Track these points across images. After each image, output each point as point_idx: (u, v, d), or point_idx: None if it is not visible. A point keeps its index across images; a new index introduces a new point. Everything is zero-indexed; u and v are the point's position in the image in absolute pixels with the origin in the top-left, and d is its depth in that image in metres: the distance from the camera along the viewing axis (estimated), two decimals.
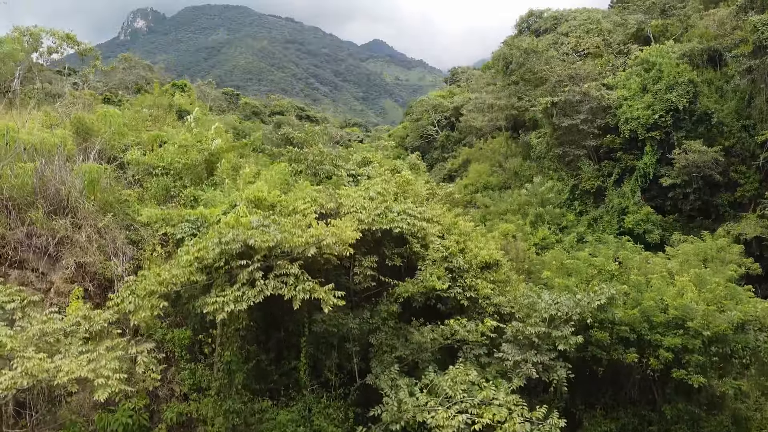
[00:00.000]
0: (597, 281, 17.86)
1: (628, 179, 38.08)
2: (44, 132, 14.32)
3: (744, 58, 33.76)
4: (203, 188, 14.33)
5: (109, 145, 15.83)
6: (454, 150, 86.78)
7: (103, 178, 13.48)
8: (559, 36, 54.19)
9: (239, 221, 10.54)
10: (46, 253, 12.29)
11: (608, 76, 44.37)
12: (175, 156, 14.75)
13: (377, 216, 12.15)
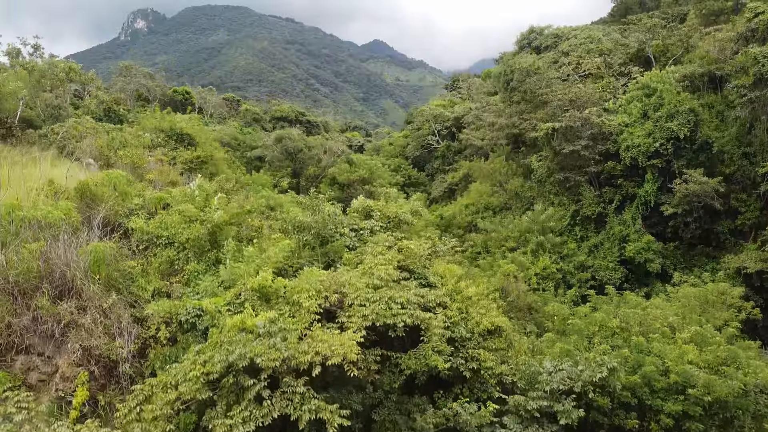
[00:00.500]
0: (598, 340, 17.96)
1: (629, 206, 38.16)
2: (48, 205, 14.37)
3: (744, 89, 33.82)
4: (206, 264, 14.42)
5: (113, 210, 15.91)
6: (455, 161, 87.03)
7: (107, 254, 13.54)
8: (559, 55, 54.22)
9: (245, 323, 10.66)
10: (51, 337, 12.38)
11: (609, 99, 44.44)
12: (179, 227, 14.83)
13: (381, 309, 12.24)
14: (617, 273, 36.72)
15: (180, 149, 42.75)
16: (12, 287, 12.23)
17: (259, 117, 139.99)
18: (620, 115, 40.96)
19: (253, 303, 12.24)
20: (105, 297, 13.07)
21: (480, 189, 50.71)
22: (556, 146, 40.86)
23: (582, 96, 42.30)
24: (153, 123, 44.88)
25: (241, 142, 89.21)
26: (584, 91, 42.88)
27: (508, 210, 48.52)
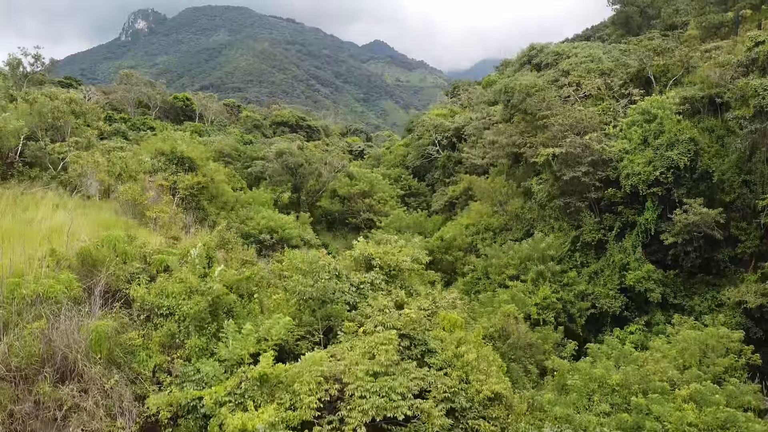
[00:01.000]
0: (598, 398, 18.00)
1: (629, 234, 38.18)
2: (50, 277, 14.41)
3: (744, 121, 33.83)
4: (207, 338, 14.46)
5: (114, 276, 15.95)
6: (455, 172, 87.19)
7: (108, 330, 13.58)
8: (560, 73, 54.23)
9: (245, 426, 10.73)
10: (54, 421, 12.44)
11: (610, 122, 44.45)
12: (179, 297, 14.87)
13: (381, 402, 12.28)
14: (617, 301, 36.78)
15: (180, 173, 42.79)
16: (14, 374, 12.29)
17: (260, 123, 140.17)
18: (620, 141, 40.97)
19: (254, 394, 12.30)
20: (106, 376, 13.11)
21: (480, 209, 50.76)
22: (556, 171, 40.89)
23: (582, 121, 42.29)
24: (154, 145, 44.89)
25: (241, 152, 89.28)
26: (585, 115, 42.86)
27: (509, 231, 48.61)
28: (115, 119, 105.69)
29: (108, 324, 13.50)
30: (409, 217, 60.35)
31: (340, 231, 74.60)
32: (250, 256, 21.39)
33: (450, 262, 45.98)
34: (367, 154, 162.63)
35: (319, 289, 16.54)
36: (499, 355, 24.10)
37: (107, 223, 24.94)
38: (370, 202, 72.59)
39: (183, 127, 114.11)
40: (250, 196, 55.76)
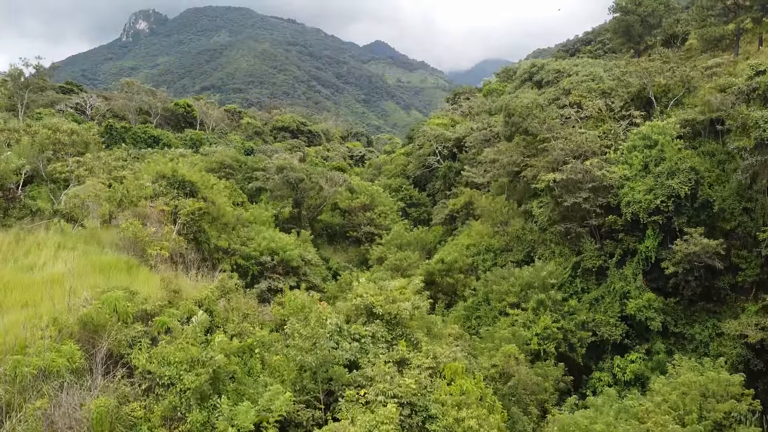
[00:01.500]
0: None
1: (630, 261, 38.20)
2: (52, 351, 14.45)
3: (745, 152, 33.83)
4: (208, 411, 14.47)
5: (115, 340, 16.00)
6: (456, 182, 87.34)
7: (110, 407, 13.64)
8: (561, 92, 54.21)
9: None
10: None
11: (611, 145, 44.45)
12: (180, 368, 14.90)
13: None
14: (618, 329, 36.82)
15: (181, 198, 42.82)
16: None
17: (261, 130, 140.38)
18: (621, 166, 40.99)
19: None
20: None
21: (481, 230, 50.76)
22: (557, 196, 40.91)
23: (583, 145, 42.31)
24: (155, 169, 44.89)
25: (242, 163, 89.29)
26: (586, 139, 42.87)
27: (509, 252, 48.63)
28: (116, 128, 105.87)
29: (108, 402, 13.53)
30: (410, 234, 60.36)
31: (341, 244, 74.65)
32: (251, 309, 21.39)
33: (451, 284, 45.97)
34: (368, 160, 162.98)
35: (319, 357, 16.55)
36: (501, 396, 24.18)
37: (109, 265, 24.99)
38: (371, 215, 72.60)
39: (184, 134, 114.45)
40: (251, 214, 55.72)
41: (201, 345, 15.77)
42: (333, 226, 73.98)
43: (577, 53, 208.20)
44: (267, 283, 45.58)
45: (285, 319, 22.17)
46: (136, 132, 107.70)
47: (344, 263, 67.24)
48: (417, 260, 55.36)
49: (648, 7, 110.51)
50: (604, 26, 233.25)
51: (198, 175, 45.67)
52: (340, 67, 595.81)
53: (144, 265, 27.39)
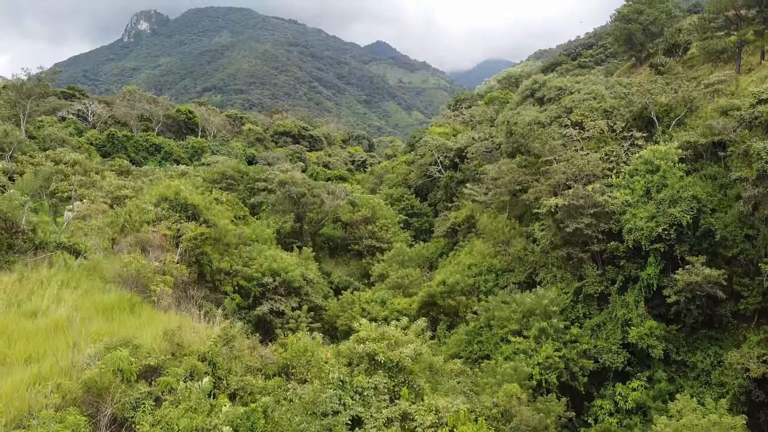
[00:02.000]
0: None
1: (632, 288, 38.24)
2: (56, 422, 14.51)
3: (747, 183, 33.84)
4: None
5: (119, 404, 16.07)
6: (458, 191, 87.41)
7: None
8: (562, 110, 54.22)
9: None
10: None
11: (612, 168, 44.48)
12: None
13: None
14: (620, 357, 36.88)
15: (184, 221, 42.88)
16: None
17: (262, 136, 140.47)
18: (623, 191, 41.05)
19: None
20: None
21: (482, 249, 50.81)
22: (559, 221, 40.93)
23: (585, 168, 42.34)
24: (158, 191, 44.93)
25: (244, 174, 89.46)
26: (587, 162, 42.89)
27: (511, 272, 48.69)
28: (118, 136, 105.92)
29: None
30: (412, 250, 60.42)
31: (343, 257, 74.76)
32: (254, 359, 21.38)
33: (453, 306, 46.05)
34: (370, 165, 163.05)
35: (324, 425, 16.60)
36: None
37: (111, 305, 25.06)
38: (373, 228, 72.69)
39: (186, 142, 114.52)
40: (252, 231, 55.75)
41: (205, 411, 15.83)
42: (335, 239, 74.09)
43: (579, 57, 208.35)
44: (269, 305, 45.68)
45: (288, 363, 22.24)
46: (138, 140, 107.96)
47: (346, 277, 67.33)
48: (418, 278, 55.50)
49: (649, 15, 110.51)
50: (605, 30, 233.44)
51: (200, 197, 45.71)
52: (342, 67, 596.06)
53: (147, 301, 27.50)
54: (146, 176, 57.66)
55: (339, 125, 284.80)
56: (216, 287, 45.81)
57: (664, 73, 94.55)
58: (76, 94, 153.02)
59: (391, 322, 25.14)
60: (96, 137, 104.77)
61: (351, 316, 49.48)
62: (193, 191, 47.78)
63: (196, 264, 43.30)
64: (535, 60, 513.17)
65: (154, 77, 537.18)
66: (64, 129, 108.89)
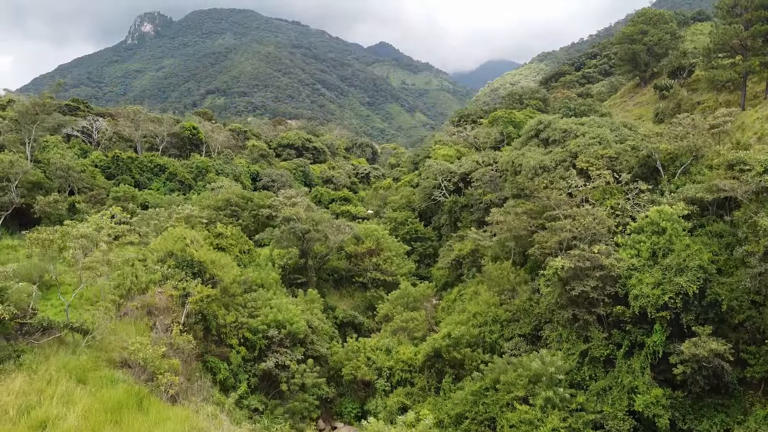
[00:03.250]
0: None
1: (638, 354, 38.23)
2: None
3: (755, 260, 33.78)
4: None
5: None
6: (462, 216, 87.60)
7: None
8: (567, 154, 54.17)
9: None
10: None
11: (618, 224, 44.44)
12: None
13: None
14: (626, 424, 36.89)
15: (190, 278, 42.98)
16: None
17: (266, 152, 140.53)
18: (628, 250, 41.03)
19: None
20: None
21: (487, 298, 50.85)
22: (564, 281, 40.94)
23: (590, 227, 42.31)
24: (164, 245, 45.01)
25: (249, 200, 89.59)
26: (593, 219, 42.85)
27: (517, 323, 48.71)
28: (122, 158, 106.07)
29: None
30: (416, 291, 60.39)
31: (347, 289, 74.83)
32: None
33: (458, 359, 46.11)
34: (374, 178, 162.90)
35: None
36: None
37: (119, 404, 25.20)
38: (377, 261, 72.73)
39: (190, 162, 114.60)
40: (257, 275, 55.78)
41: None
42: (339, 270, 74.10)
43: (583, 67, 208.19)
44: (274, 359, 45.79)
45: None
46: (143, 161, 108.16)
47: (351, 312, 67.40)
48: (423, 321, 55.59)
49: (654, 36, 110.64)
50: (609, 39, 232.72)
51: (207, 254, 45.70)
52: (345, 69, 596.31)
53: (155, 392, 27.64)
54: (152, 219, 57.51)
55: (342, 132, 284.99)
56: (222, 340, 45.95)
57: (669, 97, 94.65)
58: (81, 107, 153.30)
59: (397, 423, 25.15)
60: (101, 159, 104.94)
61: (356, 365, 49.65)
62: (199, 239, 47.78)
63: (202, 320, 43.48)
64: (539, 62, 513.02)
65: (158, 80, 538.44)
66: (69, 149, 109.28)
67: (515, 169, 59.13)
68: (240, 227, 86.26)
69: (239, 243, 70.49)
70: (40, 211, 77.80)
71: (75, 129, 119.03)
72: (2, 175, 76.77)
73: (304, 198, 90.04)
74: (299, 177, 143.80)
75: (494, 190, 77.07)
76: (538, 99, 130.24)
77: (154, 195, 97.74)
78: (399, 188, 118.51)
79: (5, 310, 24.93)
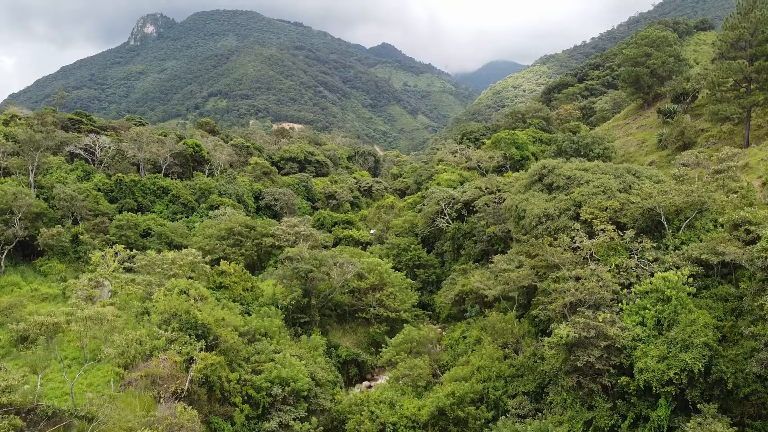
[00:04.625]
0: None
1: (643, 426, 38.16)
2: None
3: (761, 343, 33.67)
4: None
5: None
6: (464, 244, 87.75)
7: None
8: (571, 203, 54.02)
9: None
10: None
11: (623, 288, 44.34)
12: None
13: None
14: None
15: (194, 340, 43.00)
16: None
17: (268, 170, 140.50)
18: (633, 317, 40.99)
19: None
20: None
21: (491, 352, 50.75)
22: (569, 349, 40.87)
23: (594, 292, 42.24)
24: (168, 305, 44.97)
25: (251, 229, 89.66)
26: (597, 285, 42.77)
27: (521, 378, 48.66)
28: (125, 182, 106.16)
29: None
30: (419, 334, 60.36)
31: (350, 324, 74.81)
32: None
33: (462, 417, 46.09)
34: (375, 191, 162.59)
35: None
36: None
37: None
38: (380, 296, 72.69)
39: (193, 183, 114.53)
40: (260, 324, 55.71)
41: None
42: (342, 305, 74.07)
43: (586, 79, 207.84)
44: (278, 418, 45.82)
45: None
46: (145, 183, 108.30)
47: (354, 350, 67.48)
48: (427, 368, 55.53)
49: (657, 59, 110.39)
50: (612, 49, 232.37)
51: (211, 313, 45.71)
52: (347, 71, 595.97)
53: None
54: (156, 266, 57.46)
55: (344, 140, 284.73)
56: (225, 398, 45.95)
57: (672, 124, 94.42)
58: (83, 121, 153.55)
59: None
60: (103, 182, 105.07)
61: (360, 419, 49.62)
62: (203, 290, 47.72)
63: (206, 382, 43.49)
64: (541, 65, 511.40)
65: (160, 82, 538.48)
66: (72, 172, 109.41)
67: (519, 214, 59.03)
68: (243, 257, 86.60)
69: (242, 280, 70.57)
70: (43, 244, 78.03)
71: (78, 147, 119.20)
72: (6, 207, 77.04)
73: (306, 226, 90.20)
74: (302, 192, 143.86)
75: (497, 222, 77.06)
76: (541, 118, 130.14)
77: (156, 219, 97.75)
78: (402, 210, 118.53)
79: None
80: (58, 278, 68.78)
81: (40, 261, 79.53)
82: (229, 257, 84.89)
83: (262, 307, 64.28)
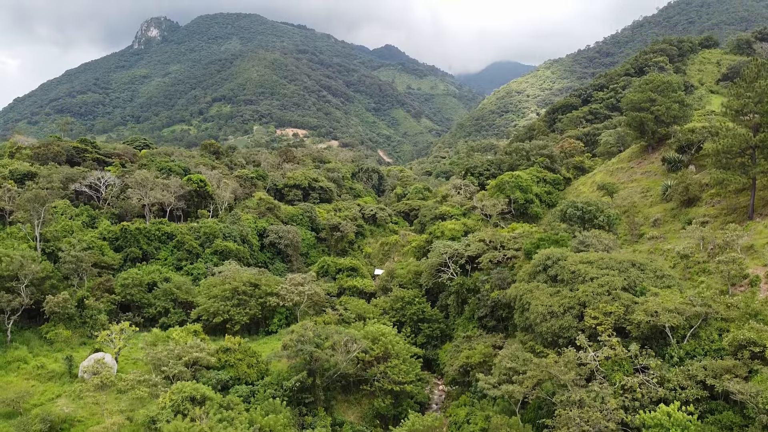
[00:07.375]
0: None
1: None
2: None
3: None
4: None
5: None
6: (468, 299, 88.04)
7: None
8: (575, 300, 54.15)
9: None
10: None
11: (629, 411, 44.52)
12: None
13: None
14: None
15: None
16: None
17: (273, 206, 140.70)
18: None
19: None
20: None
21: None
22: None
23: (599, 423, 42.42)
24: (173, 428, 45.29)
25: (255, 287, 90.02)
26: (602, 414, 42.95)
27: None
28: (130, 230, 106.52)
29: None
30: (424, 424, 60.60)
31: (355, 396, 75.06)
32: None
33: None
34: (380, 219, 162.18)
35: None
36: None
37: None
38: (384, 369, 72.91)
39: (198, 226, 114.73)
40: (266, 423, 55.96)
41: None
42: (347, 376, 74.35)
43: (591, 101, 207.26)
44: None
45: None
46: (150, 230, 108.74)
47: (359, 426, 67.84)
48: None
49: (662, 105, 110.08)
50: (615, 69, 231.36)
51: None
52: (350, 75, 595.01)
53: None
54: (163, 366, 57.83)
55: (347, 154, 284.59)
56: None
57: (677, 178, 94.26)
58: (89, 149, 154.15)
59: None
60: (108, 230, 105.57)
61: None
62: (206, 394, 47.93)
63: None
64: (545, 69, 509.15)
65: (164, 86, 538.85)
66: (77, 218, 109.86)
67: (523, 305, 59.20)
68: (248, 316, 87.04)
69: (246, 356, 70.96)
70: (49, 312, 78.60)
71: (83, 185, 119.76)
72: (12, 274, 77.50)
73: (311, 285, 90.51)
74: (305, 223, 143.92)
75: (502, 287, 77.28)
76: (546, 156, 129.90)
77: (162, 271, 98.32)
78: (406, 253, 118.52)
79: None
80: (65, 359, 69.15)
81: (45, 327, 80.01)
82: (233, 318, 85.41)
83: (266, 389, 64.64)
